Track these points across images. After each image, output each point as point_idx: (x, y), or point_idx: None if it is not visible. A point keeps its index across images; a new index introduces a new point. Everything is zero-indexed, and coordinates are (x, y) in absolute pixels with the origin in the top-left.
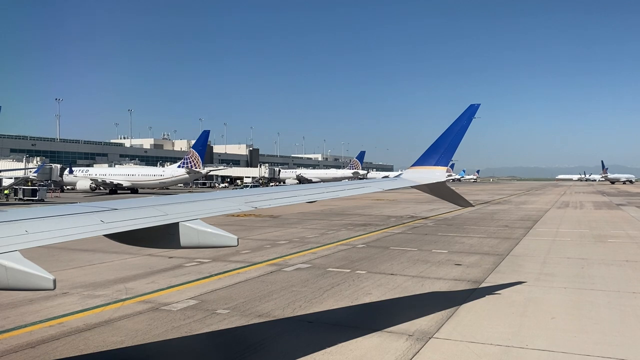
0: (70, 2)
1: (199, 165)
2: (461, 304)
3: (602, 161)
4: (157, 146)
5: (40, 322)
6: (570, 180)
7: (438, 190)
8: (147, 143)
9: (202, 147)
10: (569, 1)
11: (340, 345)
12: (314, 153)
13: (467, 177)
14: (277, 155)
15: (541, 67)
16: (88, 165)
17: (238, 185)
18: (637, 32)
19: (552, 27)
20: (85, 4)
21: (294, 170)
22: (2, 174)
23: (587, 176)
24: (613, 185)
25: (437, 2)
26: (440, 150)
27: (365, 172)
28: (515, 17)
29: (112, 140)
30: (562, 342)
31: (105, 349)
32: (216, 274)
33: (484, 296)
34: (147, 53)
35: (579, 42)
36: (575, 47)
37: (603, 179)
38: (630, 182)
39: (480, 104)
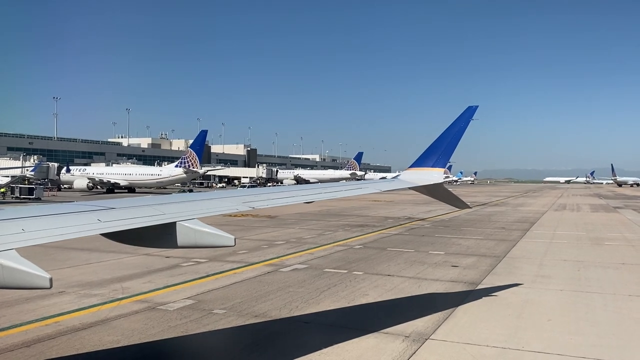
0: (68, 0)
1: (196, 165)
2: (458, 306)
3: (612, 164)
4: (154, 145)
5: (36, 320)
6: (558, 182)
7: (435, 191)
8: (144, 142)
9: (200, 146)
10: (566, 2)
11: (336, 346)
12: (311, 154)
13: (465, 178)
14: (274, 156)
15: (539, 69)
16: (85, 164)
17: (235, 186)
18: (636, 34)
19: (550, 28)
20: (83, 2)
21: (292, 170)
22: None
23: (592, 179)
24: (620, 187)
25: (435, 4)
26: (438, 152)
27: (363, 173)
28: (512, 18)
29: (109, 139)
30: (559, 344)
31: (101, 348)
32: (213, 274)
33: (481, 298)
34: (146, 52)
35: (578, 44)
36: (574, 49)
37: (612, 182)
38: (638, 184)
39: (478, 106)
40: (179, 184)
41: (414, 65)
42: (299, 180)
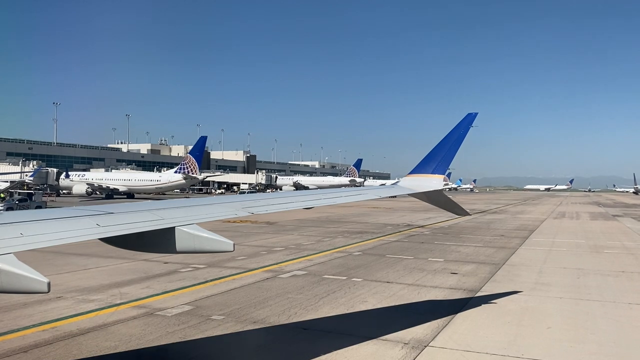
0: (68, 5)
1: (195, 171)
2: (457, 313)
3: (634, 174)
4: (154, 151)
5: (34, 326)
6: (538, 190)
7: (435, 198)
8: (144, 148)
9: (199, 152)
10: (566, 8)
11: (335, 352)
12: (311, 160)
13: (464, 186)
14: (274, 162)
15: (539, 77)
16: (85, 170)
17: (235, 192)
18: (635, 37)
19: (550, 34)
20: (84, 7)
21: (291, 177)
22: None
23: (607, 186)
24: (637, 195)
25: (434, 10)
26: (438, 159)
27: (362, 179)
28: (512, 24)
29: (109, 145)
30: (558, 352)
31: (99, 354)
32: (212, 280)
33: (480, 305)
34: (146, 58)
35: (578, 49)
36: (574, 55)
37: (634, 191)
38: None
39: (477, 113)
40: (223, 190)
41: (414, 71)
42: (298, 187)
